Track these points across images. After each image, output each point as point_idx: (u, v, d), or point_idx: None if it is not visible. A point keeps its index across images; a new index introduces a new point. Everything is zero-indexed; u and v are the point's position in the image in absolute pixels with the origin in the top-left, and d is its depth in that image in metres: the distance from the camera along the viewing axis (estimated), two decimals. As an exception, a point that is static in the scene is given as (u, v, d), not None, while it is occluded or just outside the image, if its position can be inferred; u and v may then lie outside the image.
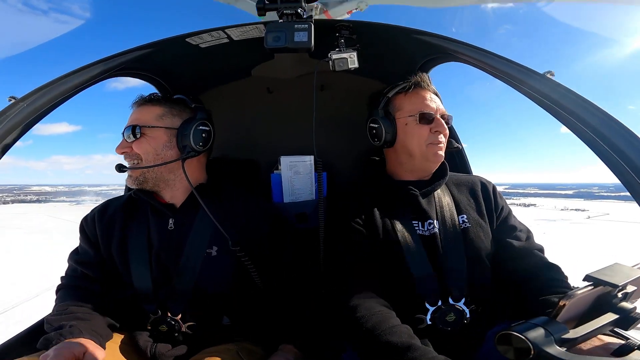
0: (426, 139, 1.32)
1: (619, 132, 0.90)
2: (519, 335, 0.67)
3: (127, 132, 1.27)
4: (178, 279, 1.24)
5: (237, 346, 1.22)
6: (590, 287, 0.74)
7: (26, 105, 1.07)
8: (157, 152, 1.29)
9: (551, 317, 0.71)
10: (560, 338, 0.68)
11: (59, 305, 1.23)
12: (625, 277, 0.75)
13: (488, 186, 1.43)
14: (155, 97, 1.36)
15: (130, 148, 1.28)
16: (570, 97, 0.97)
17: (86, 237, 1.36)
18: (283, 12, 1.22)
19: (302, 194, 1.84)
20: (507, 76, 1.08)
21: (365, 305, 1.11)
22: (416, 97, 1.35)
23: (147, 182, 1.29)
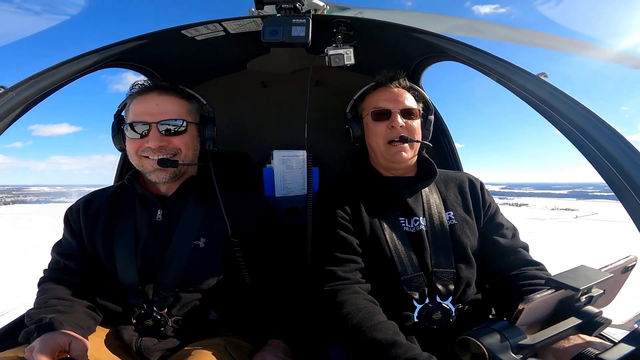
0: (384, 136, 1.34)
1: (606, 134, 0.91)
2: (475, 341, 0.66)
3: (170, 124, 1.24)
4: (164, 272, 1.23)
5: (225, 340, 1.21)
6: (552, 290, 0.72)
7: (15, 94, 1.05)
8: (194, 148, 1.33)
9: (510, 321, 0.69)
10: (516, 344, 0.66)
11: (40, 299, 1.21)
12: (588, 280, 0.73)
13: (476, 183, 1.44)
14: (180, 89, 1.34)
15: (168, 141, 1.25)
16: (563, 100, 0.98)
17: (70, 228, 1.33)
18: (281, 6, 1.22)
19: (294, 188, 1.84)
20: (501, 77, 1.09)
21: (352, 301, 1.12)
22: (376, 96, 1.40)
23: (178, 177, 1.31)
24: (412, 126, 1.34)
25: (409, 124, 1.33)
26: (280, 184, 1.82)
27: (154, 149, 1.22)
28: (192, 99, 1.36)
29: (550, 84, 1.01)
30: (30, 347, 0.95)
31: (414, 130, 1.35)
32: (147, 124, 1.22)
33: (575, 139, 0.96)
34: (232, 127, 2.02)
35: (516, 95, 1.09)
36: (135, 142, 1.24)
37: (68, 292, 1.23)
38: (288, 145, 1.84)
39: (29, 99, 1.08)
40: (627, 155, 0.87)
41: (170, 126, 1.24)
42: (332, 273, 1.21)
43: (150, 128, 1.22)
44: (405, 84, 1.40)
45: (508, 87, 1.10)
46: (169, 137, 1.24)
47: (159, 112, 1.23)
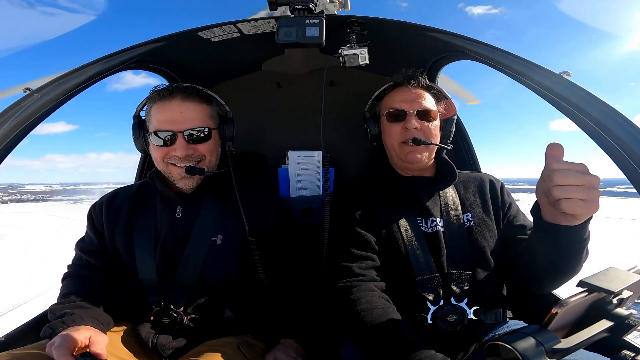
0: (398, 137, 1.32)
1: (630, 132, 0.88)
2: (508, 346, 0.63)
3: (193, 132, 1.25)
4: (182, 269, 1.25)
5: (238, 340, 1.22)
6: (585, 293, 0.70)
7: (40, 96, 1.09)
8: (217, 153, 1.36)
9: (542, 326, 0.67)
10: (551, 348, 0.64)
11: (62, 294, 1.25)
12: (621, 283, 0.72)
13: (496, 184, 1.40)
14: (202, 93, 1.33)
15: (194, 150, 1.26)
16: (588, 99, 0.95)
17: (93, 225, 1.37)
18: (295, 6, 1.22)
19: (309, 188, 1.84)
20: (521, 75, 1.06)
21: (367, 298, 1.12)
22: (392, 96, 1.38)
23: (202, 181, 1.33)
24: (428, 128, 1.31)
25: (424, 125, 1.30)
26: (295, 184, 1.83)
27: (181, 157, 1.24)
28: (212, 102, 1.36)
29: (574, 82, 0.98)
30: (51, 343, 0.98)
31: (430, 132, 1.31)
32: (172, 132, 1.23)
33: (599, 137, 0.93)
34: (248, 128, 2.04)
35: (537, 94, 1.06)
36: (161, 150, 1.26)
37: (89, 288, 1.27)
38: (303, 146, 1.84)
39: (53, 100, 1.12)
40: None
41: (195, 134, 1.25)
42: (348, 269, 1.21)
43: (175, 137, 1.23)
44: (425, 83, 1.36)
45: (528, 86, 1.07)
46: (194, 145, 1.26)
47: (183, 120, 1.24)
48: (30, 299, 6.64)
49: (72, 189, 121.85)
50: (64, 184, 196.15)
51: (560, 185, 0.84)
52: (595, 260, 1.13)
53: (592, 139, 0.96)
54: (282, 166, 1.84)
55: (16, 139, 1.07)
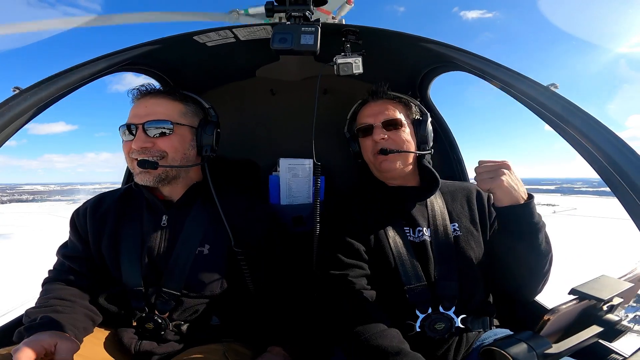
0: (370, 149, 1.38)
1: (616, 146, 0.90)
2: (501, 351, 0.66)
3: (153, 126, 1.22)
4: (168, 277, 1.22)
5: (224, 347, 1.20)
6: (575, 301, 0.74)
7: (29, 95, 1.07)
8: (184, 151, 1.28)
9: (535, 331, 0.70)
10: (542, 353, 0.67)
11: (41, 298, 1.21)
12: (611, 291, 0.75)
13: (483, 194, 1.43)
14: (173, 91, 1.32)
15: (152, 143, 1.22)
16: (573, 111, 0.97)
17: (76, 231, 1.34)
18: (291, 14, 1.23)
19: (300, 197, 1.83)
20: (510, 87, 1.09)
21: (356, 308, 1.12)
22: (361, 113, 1.46)
23: (165, 180, 1.26)
24: (396, 136, 1.35)
25: (392, 135, 1.35)
26: (285, 192, 1.82)
27: (137, 150, 1.21)
28: (190, 101, 1.33)
29: (561, 95, 1.00)
30: (15, 349, 0.94)
31: (400, 140, 1.35)
32: (135, 126, 1.21)
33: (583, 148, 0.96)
34: (240, 134, 2.03)
35: (525, 107, 1.08)
36: (125, 145, 1.24)
37: (70, 293, 1.23)
38: (295, 153, 1.84)
39: (43, 100, 1.09)
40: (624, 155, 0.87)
41: (156, 128, 1.22)
42: (338, 277, 1.21)
43: (136, 129, 1.21)
44: (390, 94, 1.43)
45: (517, 98, 1.10)
46: (154, 139, 1.22)
47: (146, 114, 1.22)
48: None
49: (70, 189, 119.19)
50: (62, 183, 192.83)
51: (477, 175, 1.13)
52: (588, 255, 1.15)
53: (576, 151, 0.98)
54: (273, 174, 1.83)
55: (3, 138, 1.04)
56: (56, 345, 0.98)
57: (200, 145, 1.31)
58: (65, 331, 1.06)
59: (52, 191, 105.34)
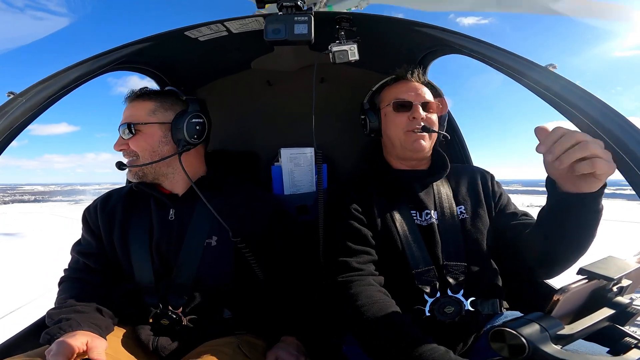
0: (404, 126, 1.34)
1: (618, 124, 0.89)
2: (513, 332, 0.63)
3: (123, 129, 1.28)
4: (178, 271, 1.24)
5: (238, 339, 1.22)
6: (585, 280, 0.71)
7: (25, 100, 1.06)
8: (153, 149, 1.29)
9: (545, 312, 0.67)
10: (555, 334, 0.64)
11: (60, 299, 1.24)
12: (620, 270, 0.73)
13: (487, 176, 1.44)
14: (146, 92, 1.35)
15: (127, 145, 1.29)
16: (571, 90, 0.96)
17: (88, 227, 1.36)
18: (283, 4, 1.21)
19: (303, 186, 1.84)
20: (508, 68, 1.07)
21: (366, 293, 1.12)
22: (396, 88, 1.41)
23: (147, 177, 1.31)
24: (431, 119, 1.36)
25: (428, 116, 1.35)
26: (288, 181, 1.83)
27: (117, 151, 1.31)
28: (164, 97, 1.35)
29: (559, 75, 0.99)
30: (48, 350, 0.97)
31: (433, 123, 1.37)
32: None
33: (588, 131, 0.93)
34: (239, 126, 2.03)
35: (523, 86, 1.08)
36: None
37: (87, 292, 1.25)
38: (296, 143, 1.84)
39: (39, 104, 1.09)
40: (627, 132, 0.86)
41: (122, 130, 1.29)
42: (346, 264, 1.21)
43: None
44: (424, 79, 1.44)
45: (515, 78, 1.09)
46: (127, 140, 1.29)
47: (123, 119, 1.31)
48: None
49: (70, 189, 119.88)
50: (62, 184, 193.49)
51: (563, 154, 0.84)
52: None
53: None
54: (275, 164, 1.84)
55: (2, 144, 1.04)
56: (87, 344, 1.02)
57: (176, 139, 1.31)
58: (92, 330, 1.09)
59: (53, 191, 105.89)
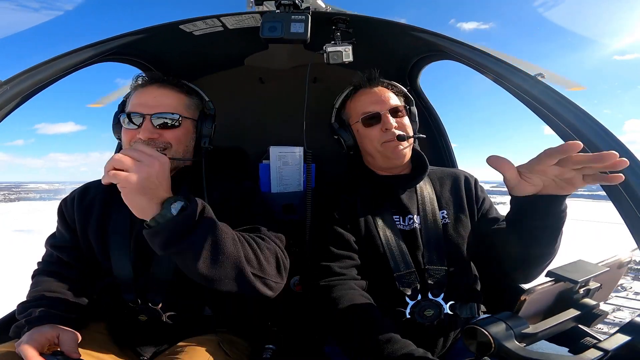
0: (379, 139, 1.32)
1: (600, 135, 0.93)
2: (482, 330, 0.68)
3: (162, 117, 1.20)
4: (157, 266, 1.22)
5: (218, 337, 1.21)
6: (552, 282, 0.75)
7: (10, 87, 1.03)
8: (187, 144, 1.27)
9: (513, 312, 0.72)
10: (520, 333, 0.69)
11: (32, 291, 1.20)
12: (586, 274, 0.77)
13: (470, 180, 1.44)
14: (180, 83, 1.30)
15: (159, 134, 1.19)
16: (558, 100, 0.99)
17: (64, 220, 1.32)
18: (281, 2, 1.21)
19: (291, 185, 1.84)
20: (498, 76, 1.10)
21: (347, 297, 1.13)
22: (358, 101, 1.37)
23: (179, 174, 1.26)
24: (403, 123, 1.33)
25: (399, 122, 1.32)
26: (276, 180, 1.82)
27: (144, 140, 1.17)
28: (193, 94, 1.32)
29: (547, 84, 1.03)
30: (18, 343, 0.94)
31: (406, 126, 1.34)
32: (141, 116, 1.18)
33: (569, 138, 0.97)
34: (229, 123, 2.01)
35: (512, 95, 1.11)
36: (128, 133, 1.21)
37: (61, 285, 1.21)
38: (285, 141, 1.84)
39: (24, 91, 1.07)
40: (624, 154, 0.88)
41: (165, 119, 1.20)
42: (328, 268, 1.22)
43: (144, 119, 1.18)
44: (384, 81, 1.39)
45: (504, 87, 1.12)
46: (161, 130, 1.20)
47: (155, 105, 1.20)
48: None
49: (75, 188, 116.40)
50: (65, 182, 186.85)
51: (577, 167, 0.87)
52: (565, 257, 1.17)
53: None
54: (263, 162, 1.83)
55: None
56: (59, 337, 0.99)
57: (199, 137, 1.31)
58: (63, 323, 1.06)
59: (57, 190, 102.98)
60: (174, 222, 0.89)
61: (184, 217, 0.90)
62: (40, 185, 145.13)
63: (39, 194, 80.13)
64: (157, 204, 0.91)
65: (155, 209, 0.90)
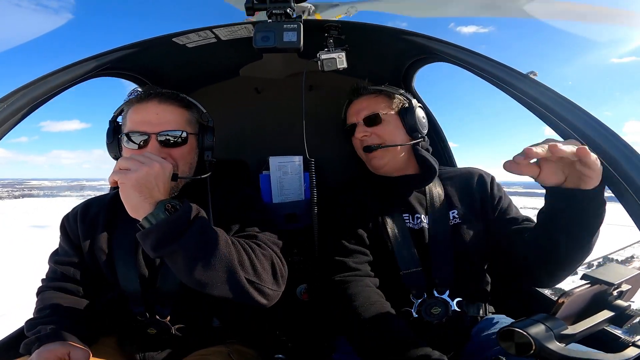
0: (359, 147, 1.40)
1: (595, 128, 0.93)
2: (521, 331, 0.69)
3: (168, 135, 1.15)
4: (164, 278, 1.21)
5: (228, 348, 1.20)
6: (588, 285, 0.77)
7: (6, 106, 1.03)
8: (192, 160, 1.24)
9: (550, 314, 0.74)
10: (559, 334, 0.70)
11: (39, 308, 1.19)
12: (620, 276, 0.79)
13: (486, 178, 1.40)
14: (181, 97, 1.26)
15: (167, 154, 1.15)
16: (551, 97, 0.99)
17: (67, 236, 1.30)
18: (272, 11, 1.21)
19: (291, 194, 1.83)
20: (491, 76, 1.10)
21: (364, 294, 1.13)
22: (348, 112, 1.47)
23: (176, 190, 1.23)
24: (379, 131, 1.35)
25: (375, 130, 1.35)
26: (277, 190, 1.82)
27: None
28: (192, 108, 1.29)
29: (539, 82, 1.02)
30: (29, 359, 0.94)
31: (384, 134, 1.35)
32: (146, 134, 1.14)
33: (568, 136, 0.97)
34: (227, 134, 2.01)
35: (506, 94, 1.10)
36: (132, 153, 1.16)
37: (68, 301, 1.21)
38: (284, 151, 1.84)
39: (20, 110, 1.07)
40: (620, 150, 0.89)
41: (170, 137, 1.16)
42: (343, 263, 1.22)
43: (149, 139, 1.14)
44: (370, 90, 1.42)
45: (498, 86, 1.12)
46: (167, 148, 1.16)
47: (158, 122, 1.15)
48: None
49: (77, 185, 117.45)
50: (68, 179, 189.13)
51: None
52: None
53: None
54: (263, 172, 1.83)
55: None
56: (69, 354, 0.98)
57: (202, 151, 1.28)
58: (74, 340, 1.05)
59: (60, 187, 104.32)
60: (165, 222, 0.89)
61: (176, 217, 0.90)
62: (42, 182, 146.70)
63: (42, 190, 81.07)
64: (151, 204, 0.91)
65: (148, 208, 0.90)
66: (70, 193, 68.78)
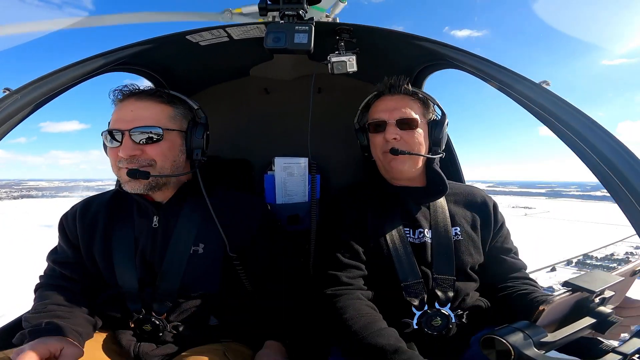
0: (381, 147, 1.32)
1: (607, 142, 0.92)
2: (501, 339, 0.70)
3: (140, 131, 1.14)
4: (162, 278, 1.21)
5: (223, 346, 1.19)
6: (569, 292, 0.78)
7: (20, 97, 1.05)
8: (174, 158, 1.22)
9: (531, 321, 0.74)
10: (539, 341, 0.71)
11: (37, 304, 1.19)
12: (602, 283, 0.79)
13: (489, 202, 1.41)
14: (161, 93, 1.24)
15: (141, 151, 1.15)
16: (565, 108, 0.98)
17: (65, 236, 1.31)
18: (285, 13, 1.22)
19: (295, 195, 1.83)
20: (503, 85, 1.10)
21: (354, 306, 1.12)
22: (375, 106, 1.38)
23: (155, 188, 1.21)
24: (409, 137, 1.29)
25: (405, 135, 1.28)
26: (281, 191, 1.82)
27: (125, 158, 1.14)
28: (179, 103, 1.27)
29: (552, 92, 1.01)
30: (18, 349, 0.93)
31: (412, 141, 1.29)
32: (119, 132, 1.14)
33: (577, 147, 0.96)
34: (234, 133, 2.03)
35: (517, 103, 1.09)
36: (112, 151, 1.18)
37: (66, 298, 1.21)
38: (290, 152, 1.84)
39: (34, 101, 1.08)
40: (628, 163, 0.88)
41: (144, 134, 1.14)
42: (335, 277, 1.21)
43: (123, 136, 1.14)
44: (408, 89, 1.34)
45: (510, 95, 1.11)
46: (142, 145, 1.14)
47: (132, 119, 1.14)
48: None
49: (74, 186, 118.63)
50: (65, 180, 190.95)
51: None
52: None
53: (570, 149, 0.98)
54: (268, 173, 1.83)
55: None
56: (62, 350, 0.98)
57: (190, 149, 1.26)
58: (69, 336, 1.05)
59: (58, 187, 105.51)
60: None
61: None
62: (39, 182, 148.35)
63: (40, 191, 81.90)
64: None
65: None
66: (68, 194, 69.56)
